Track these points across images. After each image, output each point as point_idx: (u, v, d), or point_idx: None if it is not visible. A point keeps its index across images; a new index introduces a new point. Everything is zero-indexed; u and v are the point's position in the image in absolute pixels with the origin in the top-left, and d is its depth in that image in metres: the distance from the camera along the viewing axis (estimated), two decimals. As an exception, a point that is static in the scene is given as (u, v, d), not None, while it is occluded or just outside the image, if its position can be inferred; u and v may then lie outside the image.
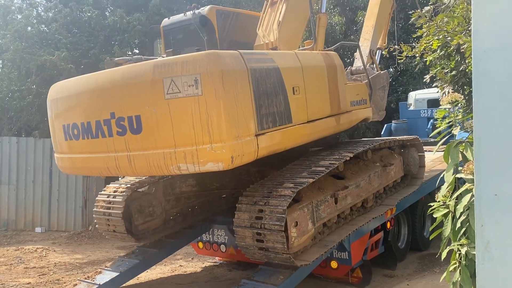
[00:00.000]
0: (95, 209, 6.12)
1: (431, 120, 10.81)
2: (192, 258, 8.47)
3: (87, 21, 13.09)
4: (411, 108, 12.65)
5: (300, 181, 4.62)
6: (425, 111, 11.62)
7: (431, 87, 14.15)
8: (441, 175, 3.11)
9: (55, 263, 8.43)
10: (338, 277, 6.22)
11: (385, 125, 11.73)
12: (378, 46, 7.42)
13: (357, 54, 7.36)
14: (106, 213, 5.93)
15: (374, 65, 7.19)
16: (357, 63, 7.24)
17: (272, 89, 4.41)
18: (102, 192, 6.19)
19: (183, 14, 6.39)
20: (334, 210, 5.19)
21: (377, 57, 7.48)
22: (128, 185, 6.01)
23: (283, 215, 4.25)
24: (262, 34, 5.94)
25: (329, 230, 5.23)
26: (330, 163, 5.07)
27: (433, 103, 11.53)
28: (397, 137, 7.00)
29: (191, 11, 6.20)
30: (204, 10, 6.16)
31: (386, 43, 7.25)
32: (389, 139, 6.60)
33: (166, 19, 6.75)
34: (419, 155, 7.14)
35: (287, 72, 4.66)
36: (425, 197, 7.62)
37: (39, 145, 11.64)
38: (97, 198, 6.19)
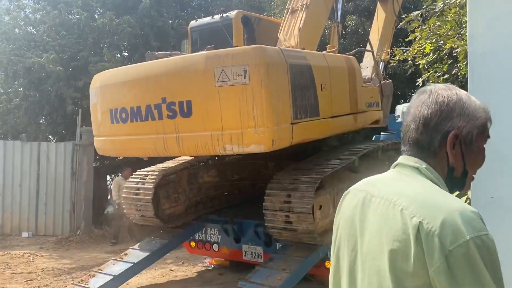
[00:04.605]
0: (124, 195, 6.49)
1: None
2: (183, 262, 8.40)
3: (76, 23, 12.90)
4: (399, 120, 12.85)
5: (339, 161, 5.30)
6: None
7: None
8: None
9: (42, 268, 8.29)
10: None
11: (374, 136, 11.93)
12: (382, 59, 7.90)
13: (363, 64, 7.68)
14: (135, 199, 6.26)
15: (378, 75, 7.53)
16: (363, 73, 7.61)
17: (304, 84, 4.88)
18: (131, 179, 6.54)
19: (210, 17, 7.01)
20: None
21: (381, 68, 7.93)
22: (157, 172, 6.35)
23: (315, 186, 4.76)
24: (283, 38, 6.51)
25: None
26: (365, 147, 5.82)
27: None
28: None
29: (219, 14, 6.81)
30: (232, 14, 6.73)
31: (389, 55, 7.82)
32: (395, 141, 7.09)
33: (194, 21, 7.38)
34: None
35: (317, 70, 5.14)
36: None
37: (26, 149, 11.45)
38: (126, 185, 6.59)
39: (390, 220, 1.07)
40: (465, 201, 2.73)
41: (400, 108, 13.66)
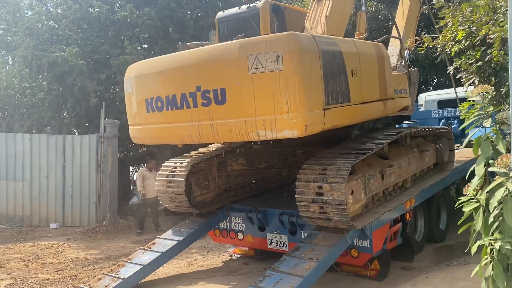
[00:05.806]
0: (159, 172, 6.77)
1: (442, 121, 11.10)
2: (207, 252, 8.50)
3: (97, 17, 13.01)
4: (422, 109, 12.69)
5: (369, 147, 5.36)
6: (436, 111, 11.69)
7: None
8: (457, 170, 3.07)
9: (71, 258, 8.49)
10: (358, 266, 6.18)
11: (397, 125, 11.82)
12: (406, 47, 7.83)
13: (388, 52, 7.61)
14: (169, 175, 6.53)
15: (404, 63, 7.49)
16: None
17: (336, 70, 4.93)
18: (166, 164, 6.78)
19: (237, 7, 7.04)
20: (381, 185, 5.78)
21: (406, 56, 7.86)
22: (189, 160, 6.59)
23: (346, 172, 4.82)
24: (310, 27, 6.53)
25: (374, 204, 5.77)
26: (398, 132, 5.91)
27: (444, 104, 11.57)
28: (432, 127, 7.56)
29: (246, 5, 6.87)
30: (259, 3, 6.78)
31: (414, 43, 7.73)
32: (425, 127, 7.16)
33: (221, 12, 7.42)
34: (449, 152, 7.57)
35: (348, 56, 5.19)
36: (441, 191, 7.78)
37: (52, 142, 11.69)
38: (163, 165, 6.85)
39: None
40: (503, 192, 2.68)
41: (423, 97, 13.46)
